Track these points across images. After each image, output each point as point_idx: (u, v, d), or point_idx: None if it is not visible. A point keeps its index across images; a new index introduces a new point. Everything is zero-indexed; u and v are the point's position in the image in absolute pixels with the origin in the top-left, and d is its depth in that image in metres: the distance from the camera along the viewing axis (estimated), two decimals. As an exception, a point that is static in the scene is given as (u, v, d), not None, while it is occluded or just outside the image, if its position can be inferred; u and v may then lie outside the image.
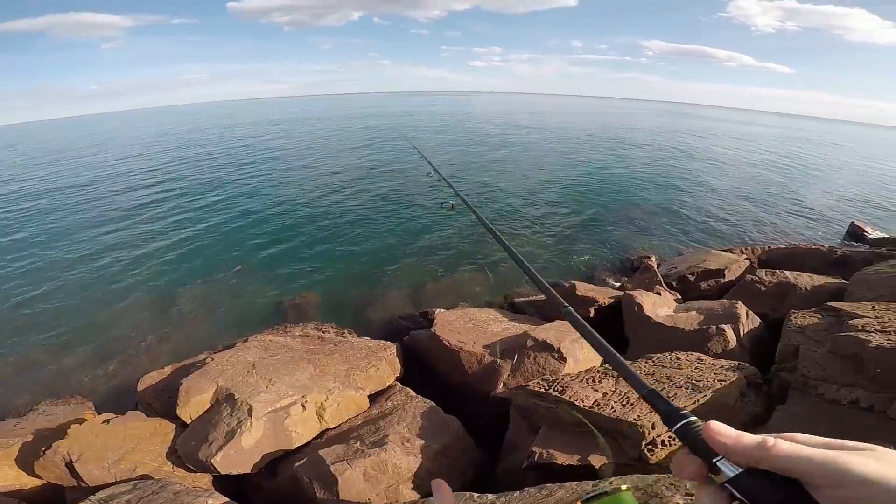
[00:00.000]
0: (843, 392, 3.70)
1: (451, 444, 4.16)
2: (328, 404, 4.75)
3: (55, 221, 15.35)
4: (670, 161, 24.66)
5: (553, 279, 9.59)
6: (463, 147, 28.41)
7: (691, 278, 8.17)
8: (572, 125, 45.70)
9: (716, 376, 4.07)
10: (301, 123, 48.77)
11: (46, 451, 4.19)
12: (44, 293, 9.95)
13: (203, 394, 4.87)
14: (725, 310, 5.97)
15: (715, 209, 15.03)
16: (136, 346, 7.82)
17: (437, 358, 5.75)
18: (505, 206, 15.03)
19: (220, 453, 4.05)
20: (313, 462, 3.93)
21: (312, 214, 14.38)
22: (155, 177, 21.82)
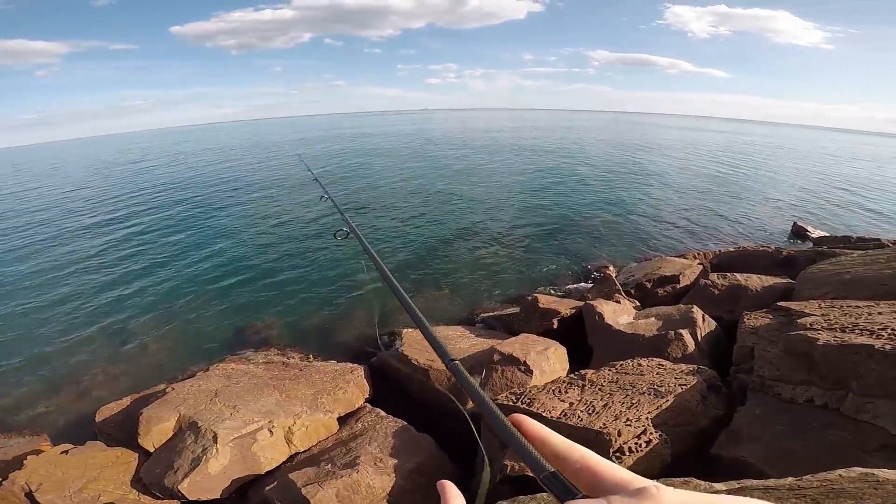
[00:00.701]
0: (799, 391, 3.87)
1: (426, 462, 4.18)
2: (296, 428, 4.71)
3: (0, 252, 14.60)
4: (622, 172, 25.32)
5: (515, 291, 9.82)
6: (421, 166, 28.53)
7: (648, 285, 8.42)
8: (526, 140, 46.19)
9: (677, 381, 4.21)
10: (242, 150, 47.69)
11: (3, 483, 4.06)
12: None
13: (165, 422, 4.80)
14: (682, 315, 6.18)
15: (667, 217, 15.51)
16: (92, 377, 7.48)
17: (406, 377, 5.75)
18: (465, 222, 15.12)
19: (186, 480, 4.01)
20: (284, 485, 3.89)
21: (267, 242, 13.98)
22: (103, 208, 20.84)
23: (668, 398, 3.93)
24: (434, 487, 1.86)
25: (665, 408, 3.89)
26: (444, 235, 13.82)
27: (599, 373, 4.76)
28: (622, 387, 4.33)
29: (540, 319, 7.10)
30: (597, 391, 4.34)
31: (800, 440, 3.41)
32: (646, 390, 4.16)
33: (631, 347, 5.71)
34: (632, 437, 3.58)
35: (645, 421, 3.75)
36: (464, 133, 61.05)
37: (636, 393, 4.16)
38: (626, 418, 3.78)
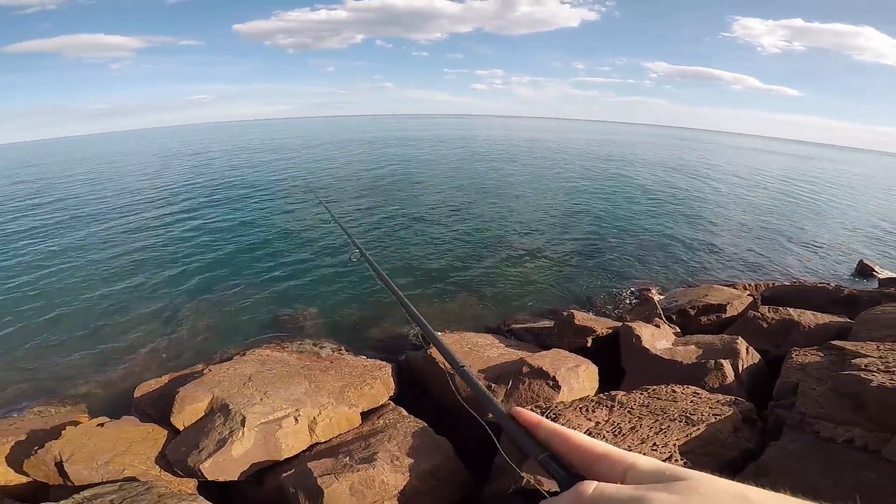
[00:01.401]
0: (840, 430, 3.66)
1: (441, 465, 4.15)
2: (320, 419, 4.78)
3: (66, 233, 15.65)
4: (675, 191, 24.35)
5: (550, 306, 9.66)
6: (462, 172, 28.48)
7: (691, 312, 8.12)
8: (574, 152, 45.32)
9: (711, 410, 4.05)
10: (302, 147, 49.00)
11: (38, 451, 4.25)
12: (51, 299, 10.14)
13: (198, 402, 4.94)
14: (725, 345, 5.93)
15: (719, 243, 14.87)
16: (135, 354, 7.86)
17: (431, 380, 5.75)
18: (505, 231, 15.01)
19: (209, 460, 4.10)
20: (301, 474, 3.94)
21: (310, 235, 14.50)
22: (161, 194, 22.21)
23: (699, 427, 3.78)
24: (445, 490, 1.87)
25: (694, 436, 3.74)
26: (483, 243, 13.80)
27: (630, 395, 4.63)
28: (653, 411, 4.20)
29: (574, 336, 6.96)
30: (625, 413, 4.23)
31: (830, 479, 3.22)
32: (677, 417, 4.02)
33: (666, 373, 5.53)
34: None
35: (672, 448, 3.62)
36: (508, 141, 60.65)
37: (666, 419, 4.03)
38: (653, 443, 3.66)
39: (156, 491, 3.63)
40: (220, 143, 62.95)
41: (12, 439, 4.73)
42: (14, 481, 4.40)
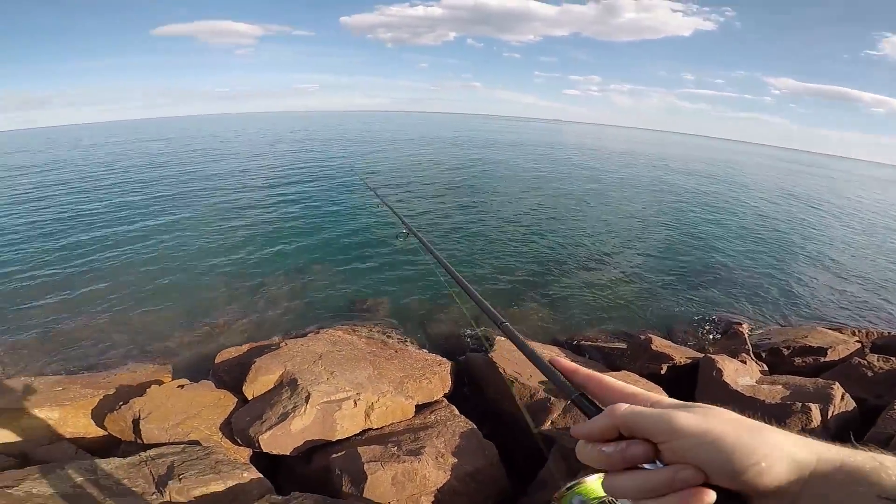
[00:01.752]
0: None
1: (483, 469, 4.13)
2: (378, 406, 4.90)
3: (178, 202, 17.39)
4: (788, 220, 22.14)
5: (625, 326, 9.25)
6: (547, 176, 27.77)
7: (785, 352, 7.46)
8: (674, 168, 42.51)
9: (784, 454, 3.71)
10: (396, 141, 50.26)
11: (122, 406, 4.63)
12: (155, 261, 11.27)
13: (270, 374, 5.21)
14: (818, 389, 5.42)
15: (831, 283, 13.38)
16: (223, 322, 8.48)
17: (488, 383, 5.73)
18: (587, 244, 14.48)
19: (268, 432, 4.29)
20: (349, 456, 4.06)
21: (396, 227, 14.81)
22: (269, 175, 24.05)
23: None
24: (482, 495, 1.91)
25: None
26: (561, 252, 13.45)
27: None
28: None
29: (648, 361, 6.66)
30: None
31: None
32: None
33: (744, 411, 4.93)
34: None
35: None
36: (601, 150, 58.59)
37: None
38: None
39: (214, 457, 3.87)
40: (323, 130, 66.26)
41: (102, 393, 5.19)
42: (91, 434, 4.82)
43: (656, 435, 0.57)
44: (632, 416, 0.60)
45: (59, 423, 4.77)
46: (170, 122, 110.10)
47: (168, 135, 61.89)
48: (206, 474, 3.63)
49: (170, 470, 3.64)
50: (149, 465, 3.68)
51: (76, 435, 4.78)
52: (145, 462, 3.73)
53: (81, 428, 4.84)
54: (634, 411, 0.60)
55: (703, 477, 0.54)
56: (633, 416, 0.59)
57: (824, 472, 0.54)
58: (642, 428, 0.58)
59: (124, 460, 3.72)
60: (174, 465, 3.71)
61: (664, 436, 0.57)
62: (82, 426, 4.86)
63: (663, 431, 0.57)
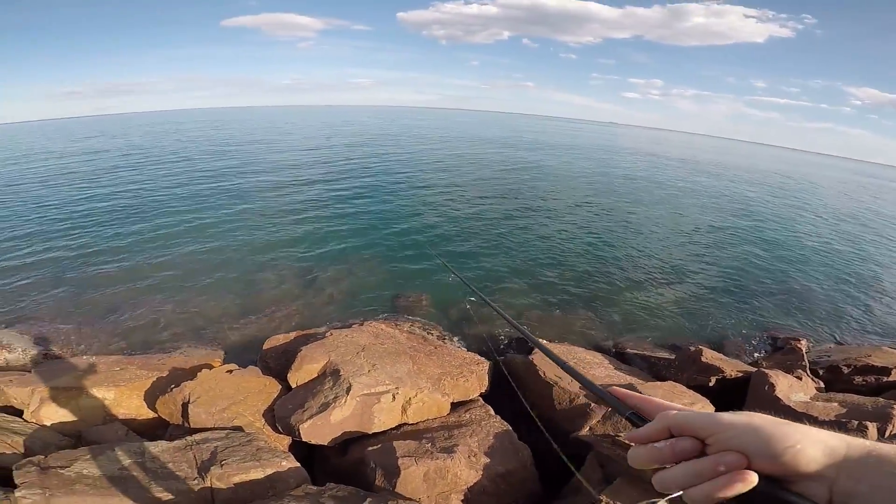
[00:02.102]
0: None
1: (515, 472, 4.12)
2: (415, 401, 4.94)
3: (238, 195, 18.15)
4: (858, 238, 20.73)
5: (672, 336, 9.01)
6: (601, 183, 27.21)
7: (844, 370, 7.07)
8: (739, 177, 40.75)
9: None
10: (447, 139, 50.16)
11: (173, 389, 4.81)
12: (213, 251, 11.81)
13: (315, 363, 5.32)
14: (877, 408, 5.17)
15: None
16: (274, 310, 8.79)
17: (527, 386, 5.68)
18: (638, 252, 14.11)
19: (309, 422, 4.38)
20: (385, 450, 4.12)
21: (447, 226, 15.14)
22: (320, 166, 24.94)
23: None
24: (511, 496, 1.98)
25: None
26: (610, 259, 13.20)
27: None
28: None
29: (697, 373, 6.45)
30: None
31: None
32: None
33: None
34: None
35: None
36: (659, 155, 56.58)
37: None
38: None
39: (255, 444, 3.99)
40: (377, 126, 66.94)
41: (155, 375, 5.41)
42: (143, 416, 5.05)
43: (702, 430, 0.65)
44: (681, 416, 0.68)
45: (113, 403, 5.02)
46: (232, 112, 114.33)
47: (231, 125, 64.34)
48: (247, 461, 3.74)
49: (213, 455, 3.76)
50: (193, 450, 3.82)
51: (128, 416, 5.01)
52: (190, 446, 3.87)
53: (133, 409, 5.08)
54: (682, 412, 0.70)
55: (746, 461, 0.61)
56: (682, 416, 0.68)
57: (856, 456, 0.59)
58: (690, 426, 0.66)
59: (171, 444, 3.87)
60: (217, 450, 3.83)
61: (709, 429, 0.64)
62: (134, 407, 5.09)
63: (708, 425, 0.65)
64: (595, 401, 1.59)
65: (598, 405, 5.14)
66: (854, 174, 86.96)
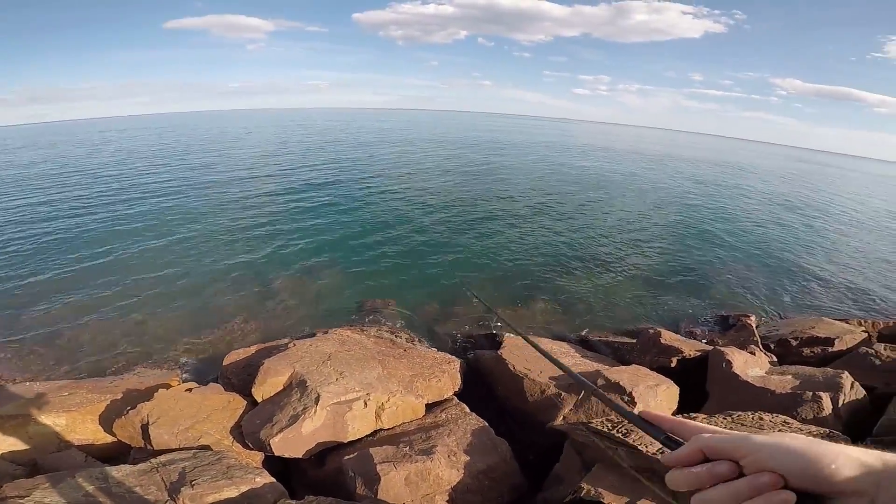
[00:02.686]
0: None
1: (496, 466, 4.12)
2: (388, 406, 4.88)
3: (184, 204, 17.33)
4: (792, 216, 22.24)
5: (633, 321, 9.30)
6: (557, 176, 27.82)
7: (793, 343, 7.46)
8: (683, 165, 42.79)
9: (800, 441, 3.72)
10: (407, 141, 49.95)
11: (130, 411, 4.56)
12: (160, 263, 11.25)
13: (280, 376, 5.16)
14: (827, 378, 5.43)
15: (836, 275, 13.43)
16: (230, 323, 8.48)
17: (498, 380, 5.72)
18: (596, 242, 14.54)
19: (279, 435, 4.25)
20: (362, 458, 4.03)
21: (405, 226, 14.98)
22: (275, 171, 24.20)
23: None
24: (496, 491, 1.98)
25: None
26: (571, 250, 13.50)
27: (712, 419, 4.35)
28: (735, 437, 3.92)
29: (658, 355, 6.64)
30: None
31: None
32: (760, 445, 3.73)
33: (755, 401, 5.15)
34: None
35: (751, 474, 3.36)
36: (609, 148, 58.27)
37: (749, 447, 3.74)
38: (732, 470, 3.41)
39: (226, 462, 3.83)
40: (332, 129, 65.54)
41: (109, 398, 5.12)
42: (100, 440, 4.76)
43: (737, 451, 0.67)
44: (714, 440, 0.70)
45: (66, 429, 4.72)
46: (179, 118, 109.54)
47: (177, 132, 61.54)
48: (219, 480, 3.58)
49: (182, 476, 3.60)
50: (160, 472, 3.65)
51: (84, 442, 4.73)
52: (156, 468, 3.69)
53: (90, 434, 4.79)
54: (717, 436, 0.71)
55: (782, 481, 0.63)
56: (717, 440, 0.70)
57: (893, 470, 0.60)
58: (724, 449, 0.69)
59: (135, 467, 3.68)
60: (186, 470, 3.67)
61: (744, 450, 0.66)
62: (90, 432, 4.81)
63: (742, 447, 0.67)
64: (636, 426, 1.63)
65: (567, 393, 5.23)
66: (783, 158, 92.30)
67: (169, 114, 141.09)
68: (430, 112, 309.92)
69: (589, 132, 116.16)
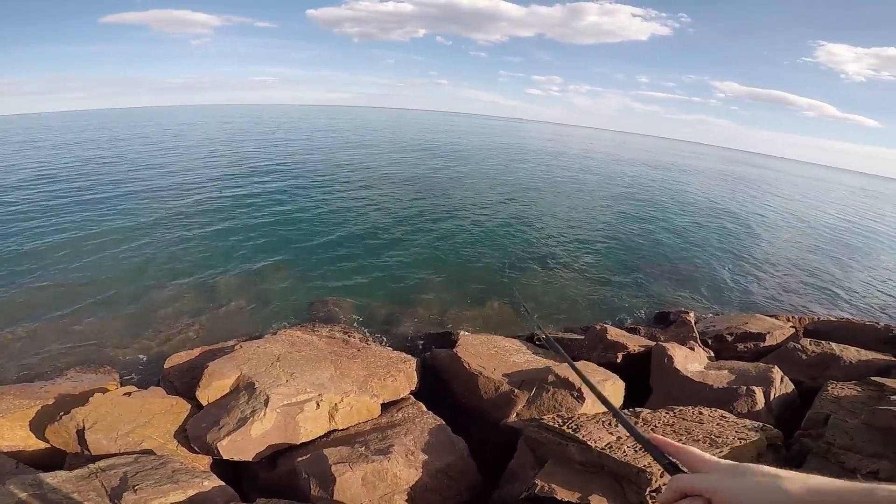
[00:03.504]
0: (866, 462, 3.61)
1: (454, 465, 4.13)
2: (342, 406, 4.80)
3: (121, 199, 16.45)
4: (728, 217, 23.62)
5: (582, 318, 9.59)
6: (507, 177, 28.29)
7: (729, 338, 7.90)
8: (626, 168, 44.39)
9: (737, 434, 3.96)
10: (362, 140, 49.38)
11: (63, 417, 4.31)
12: (94, 264, 10.61)
13: (225, 379, 4.98)
14: (759, 372, 5.79)
15: (767, 273, 14.43)
16: (171, 326, 8.14)
17: (454, 378, 5.74)
18: (545, 242, 14.91)
19: (227, 438, 4.11)
20: (316, 459, 3.95)
21: (358, 225, 14.85)
22: (217, 168, 23.33)
23: (723, 449, 3.70)
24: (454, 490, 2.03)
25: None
26: (520, 251, 13.79)
27: (655, 414, 4.55)
28: (677, 431, 4.12)
29: (604, 350, 6.86)
30: (648, 431, 4.14)
31: None
32: (701, 438, 3.93)
33: (695, 395, 5.43)
34: (671, 481, 3.38)
35: (693, 468, 3.53)
36: (560, 149, 59.79)
37: (690, 440, 3.93)
38: (674, 462, 3.57)
39: (170, 466, 3.68)
40: (279, 125, 63.70)
41: (39, 403, 4.83)
42: (32, 447, 4.48)
43: (706, 490, 0.82)
44: (688, 482, 0.87)
45: (-8, 435, 4.40)
46: (115, 113, 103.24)
47: (111, 128, 57.81)
48: (164, 484, 3.42)
49: (123, 481, 3.41)
50: (100, 477, 3.44)
51: (14, 448, 4.42)
52: (95, 474, 3.48)
53: (20, 441, 4.49)
54: (691, 479, 0.88)
55: None
56: (690, 481, 0.87)
57: None
58: (697, 489, 0.84)
59: (72, 473, 3.47)
60: (128, 475, 3.48)
61: (711, 490, 0.82)
62: (20, 439, 4.50)
63: (709, 487, 0.82)
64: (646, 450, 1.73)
65: (521, 390, 5.33)
66: (722, 160, 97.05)
67: (104, 109, 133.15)
68: (386, 110, 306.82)
69: (542, 133, 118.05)
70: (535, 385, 5.34)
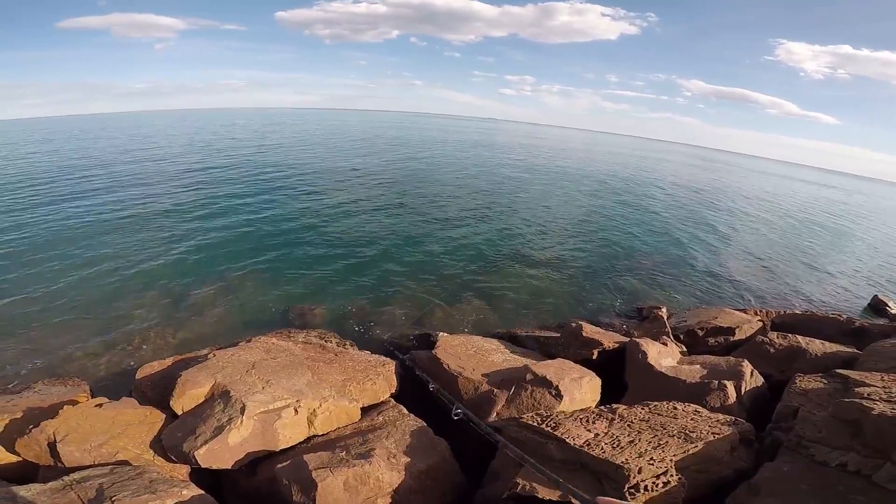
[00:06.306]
0: (835, 455, 3.72)
1: (437, 466, 4.14)
2: (320, 411, 4.76)
3: (84, 210, 15.90)
4: (694, 212, 24.27)
5: (558, 316, 9.69)
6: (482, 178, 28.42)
7: (700, 333, 8.08)
8: (597, 166, 45.20)
9: (710, 429, 4.06)
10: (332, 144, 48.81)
11: (33, 430, 4.19)
12: (62, 275, 10.25)
13: (199, 388, 4.89)
14: (730, 367, 5.95)
15: (735, 268, 14.82)
16: (142, 335, 7.94)
17: (434, 380, 5.75)
18: (520, 242, 15.05)
19: (204, 447, 4.06)
20: (296, 466, 3.92)
21: (331, 229, 14.74)
22: (182, 177, 22.57)
23: (697, 444, 3.80)
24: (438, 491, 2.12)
25: (692, 453, 3.76)
26: (497, 251, 13.90)
27: (631, 409, 4.64)
28: (652, 426, 4.21)
29: (580, 347, 6.94)
30: (625, 427, 4.22)
31: (819, 500, 3.31)
32: (676, 433, 4.02)
33: (669, 390, 5.54)
34: (650, 477, 3.45)
35: (668, 463, 3.61)
36: (533, 149, 60.17)
37: (665, 434, 4.02)
38: (651, 457, 3.65)
39: (147, 476, 3.62)
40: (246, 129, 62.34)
41: (7, 417, 4.69)
42: (3, 460, 4.34)
43: None
44: None
45: (-41, 450, 4.25)
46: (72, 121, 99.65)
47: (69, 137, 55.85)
48: (142, 494, 3.37)
49: (100, 493, 3.35)
50: (75, 489, 3.38)
51: (-16, 462, 4.28)
52: (70, 486, 3.42)
53: (-10, 454, 4.34)
54: None
55: None
56: None
57: None
58: None
59: (46, 486, 3.41)
60: (104, 487, 3.42)
61: None
62: (-10, 452, 4.36)
63: None
64: None
65: (500, 390, 5.37)
66: (690, 157, 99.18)
67: (60, 117, 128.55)
68: (357, 112, 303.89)
69: (515, 133, 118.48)
70: (514, 384, 5.39)
